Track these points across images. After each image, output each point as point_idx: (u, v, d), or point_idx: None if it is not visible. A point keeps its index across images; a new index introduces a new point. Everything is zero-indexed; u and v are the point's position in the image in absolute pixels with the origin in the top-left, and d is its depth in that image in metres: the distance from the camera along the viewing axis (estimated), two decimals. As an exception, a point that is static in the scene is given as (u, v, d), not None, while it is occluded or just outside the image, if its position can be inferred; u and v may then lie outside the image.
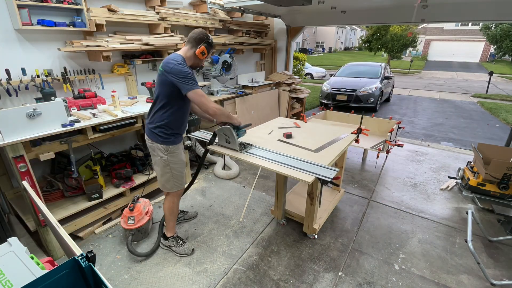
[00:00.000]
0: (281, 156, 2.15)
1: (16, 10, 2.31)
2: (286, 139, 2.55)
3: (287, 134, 2.60)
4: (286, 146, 2.40)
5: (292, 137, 2.60)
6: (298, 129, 2.90)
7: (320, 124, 3.51)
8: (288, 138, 2.58)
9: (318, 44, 43.74)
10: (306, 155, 2.21)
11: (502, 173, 3.10)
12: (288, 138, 2.58)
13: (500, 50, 22.42)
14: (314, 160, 2.10)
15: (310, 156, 2.20)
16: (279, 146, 2.40)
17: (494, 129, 6.99)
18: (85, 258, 0.99)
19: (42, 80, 2.60)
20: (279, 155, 2.18)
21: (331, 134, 2.74)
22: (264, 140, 2.51)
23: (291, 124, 3.02)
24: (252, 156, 2.14)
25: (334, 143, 2.49)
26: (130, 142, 3.64)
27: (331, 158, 2.17)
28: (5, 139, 1.94)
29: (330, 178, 1.83)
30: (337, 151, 2.31)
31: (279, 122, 3.10)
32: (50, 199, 2.58)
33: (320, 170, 1.93)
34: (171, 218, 2.42)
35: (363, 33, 42.71)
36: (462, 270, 2.33)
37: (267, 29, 5.47)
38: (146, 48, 3.22)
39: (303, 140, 2.55)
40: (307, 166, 1.99)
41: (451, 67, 25.02)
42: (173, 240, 2.46)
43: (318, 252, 2.49)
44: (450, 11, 4.09)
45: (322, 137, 2.63)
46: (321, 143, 2.47)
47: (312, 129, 2.91)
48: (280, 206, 2.77)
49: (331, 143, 2.48)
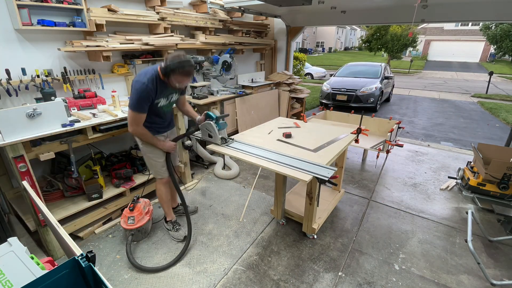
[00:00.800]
0: (280, 156, 2.15)
1: (16, 10, 2.31)
2: (285, 139, 2.56)
3: (286, 134, 2.60)
4: (285, 146, 2.40)
5: (292, 137, 2.61)
6: (298, 129, 2.90)
7: (320, 124, 3.51)
8: (287, 138, 2.58)
9: (318, 44, 43.73)
10: (305, 154, 2.22)
11: (502, 173, 3.10)
12: (288, 138, 2.58)
13: (500, 50, 22.42)
14: (313, 159, 2.10)
15: (309, 155, 2.20)
16: (278, 145, 2.41)
17: (494, 129, 6.98)
18: (85, 258, 0.99)
19: (42, 80, 2.60)
20: (278, 154, 2.18)
21: (331, 134, 2.74)
22: (263, 140, 2.52)
23: (291, 124, 3.02)
24: (252, 156, 2.15)
25: (333, 143, 2.49)
26: (130, 142, 3.64)
27: (330, 158, 2.17)
28: (5, 139, 1.94)
29: (328, 178, 1.83)
30: (336, 151, 2.31)
31: (279, 122, 3.10)
32: (50, 199, 2.58)
33: (318, 170, 1.93)
34: (163, 204, 2.64)
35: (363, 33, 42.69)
36: (462, 270, 2.33)
37: (267, 29, 5.47)
38: (146, 48, 3.23)
39: (303, 140, 2.55)
40: (305, 165, 2.00)
41: (451, 67, 25.01)
42: (170, 224, 2.68)
43: (318, 252, 2.49)
44: (450, 11, 4.09)
45: (321, 137, 2.63)
46: (320, 143, 2.47)
47: (312, 129, 2.91)
48: (279, 206, 2.77)
49: (330, 143, 2.49)
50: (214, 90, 4.21)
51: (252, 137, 2.52)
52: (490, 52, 29.56)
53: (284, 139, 2.55)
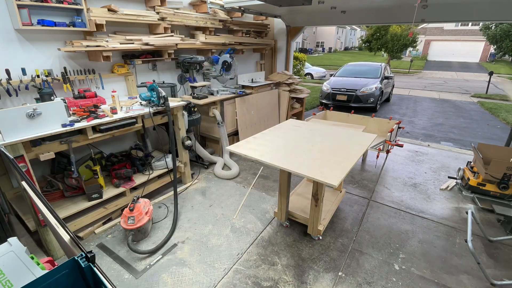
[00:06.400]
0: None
1: (16, 10, 2.31)
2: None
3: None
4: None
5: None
6: (319, 130, 2.84)
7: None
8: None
9: (318, 44, 43.71)
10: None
11: (502, 173, 3.10)
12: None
13: (500, 50, 22.41)
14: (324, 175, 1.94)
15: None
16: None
17: (494, 129, 6.98)
18: (84, 258, 0.99)
19: (42, 80, 2.60)
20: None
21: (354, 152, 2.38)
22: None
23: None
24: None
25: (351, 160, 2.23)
26: (130, 142, 3.64)
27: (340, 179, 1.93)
28: (5, 139, 1.94)
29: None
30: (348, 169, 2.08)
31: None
32: (50, 199, 2.58)
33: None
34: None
35: (363, 33, 42.67)
36: (462, 270, 2.32)
37: (267, 29, 5.47)
38: (146, 48, 3.22)
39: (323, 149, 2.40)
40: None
41: (451, 67, 25.00)
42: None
43: (318, 252, 2.49)
44: (450, 11, 4.08)
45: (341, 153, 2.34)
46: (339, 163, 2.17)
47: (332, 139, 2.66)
48: (283, 208, 2.76)
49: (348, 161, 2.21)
50: (214, 90, 4.21)
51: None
52: (490, 52, 29.55)
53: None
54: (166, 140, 3.94)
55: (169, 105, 2.96)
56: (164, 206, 3.12)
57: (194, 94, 3.96)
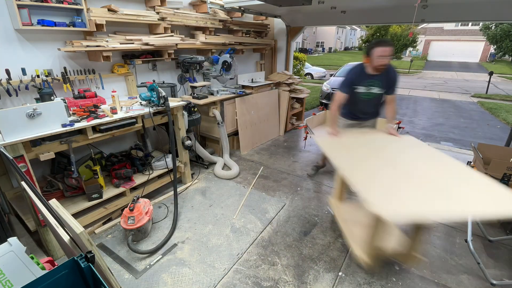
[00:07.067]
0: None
1: (16, 10, 2.31)
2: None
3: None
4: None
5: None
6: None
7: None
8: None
9: (318, 44, 43.69)
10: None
11: (502, 173, 3.09)
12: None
13: (500, 50, 22.44)
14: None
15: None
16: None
17: (494, 129, 6.98)
18: (84, 258, 1.00)
19: (42, 80, 2.60)
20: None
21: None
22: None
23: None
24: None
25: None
26: (130, 142, 3.64)
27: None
28: (5, 139, 1.94)
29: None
30: None
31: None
32: (50, 199, 2.57)
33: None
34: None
35: (363, 33, 42.69)
36: (462, 270, 2.32)
37: (267, 29, 5.46)
38: (146, 48, 3.22)
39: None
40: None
41: (451, 67, 24.99)
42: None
43: (318, 252, 2.49)
44: (450, 11, 4.08)
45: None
46: None
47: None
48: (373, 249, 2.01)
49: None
50: (214, 90, 4.21)
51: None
52: (490, 52, 29.56)
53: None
54: (166, 140, 3.93)
55: (169, 105, 2.96)
56: (164, 206, 3.13)
57: (194, 94, 3.96)
